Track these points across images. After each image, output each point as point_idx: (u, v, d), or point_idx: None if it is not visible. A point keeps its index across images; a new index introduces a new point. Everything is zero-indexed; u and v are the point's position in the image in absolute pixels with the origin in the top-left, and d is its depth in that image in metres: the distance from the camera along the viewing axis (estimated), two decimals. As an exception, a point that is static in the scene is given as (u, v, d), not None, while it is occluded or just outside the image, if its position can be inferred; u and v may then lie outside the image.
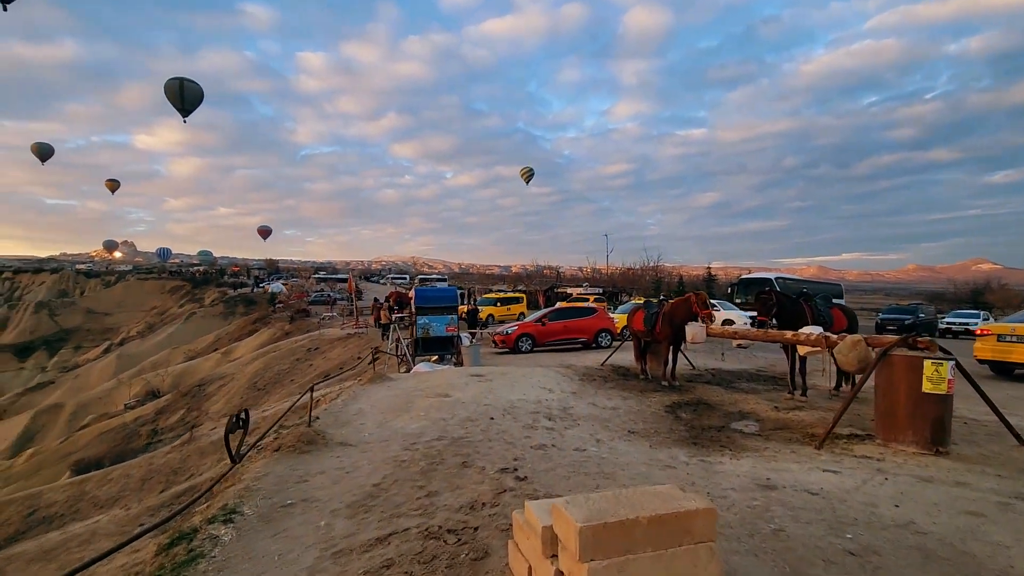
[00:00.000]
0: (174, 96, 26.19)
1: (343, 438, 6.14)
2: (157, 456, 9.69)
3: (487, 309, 27.41)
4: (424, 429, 6.38)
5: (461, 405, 7.49)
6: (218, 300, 57.46)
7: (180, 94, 26.16)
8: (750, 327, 11.54)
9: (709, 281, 41.81)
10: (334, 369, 22.78)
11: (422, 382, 9.59)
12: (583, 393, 8.98)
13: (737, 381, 10.82)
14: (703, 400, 8.67)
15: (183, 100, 26.19)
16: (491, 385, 8.97)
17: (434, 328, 13.15)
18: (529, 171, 57.40)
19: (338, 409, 7.69)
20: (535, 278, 58.86)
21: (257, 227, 76.90)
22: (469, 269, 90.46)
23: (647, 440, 6.24)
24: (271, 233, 78.59)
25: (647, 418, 7.45)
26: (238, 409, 5.56)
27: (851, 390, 8.73)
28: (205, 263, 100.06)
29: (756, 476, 4.72)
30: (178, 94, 26.15)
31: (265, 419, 10.08)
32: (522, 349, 16.20)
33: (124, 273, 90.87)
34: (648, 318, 10.58)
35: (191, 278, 75.08)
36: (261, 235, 76.71)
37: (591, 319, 16.87)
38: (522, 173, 57.35)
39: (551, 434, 6.22)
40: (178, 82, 26.28)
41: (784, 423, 7.00)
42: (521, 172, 57.43)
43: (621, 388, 9.69)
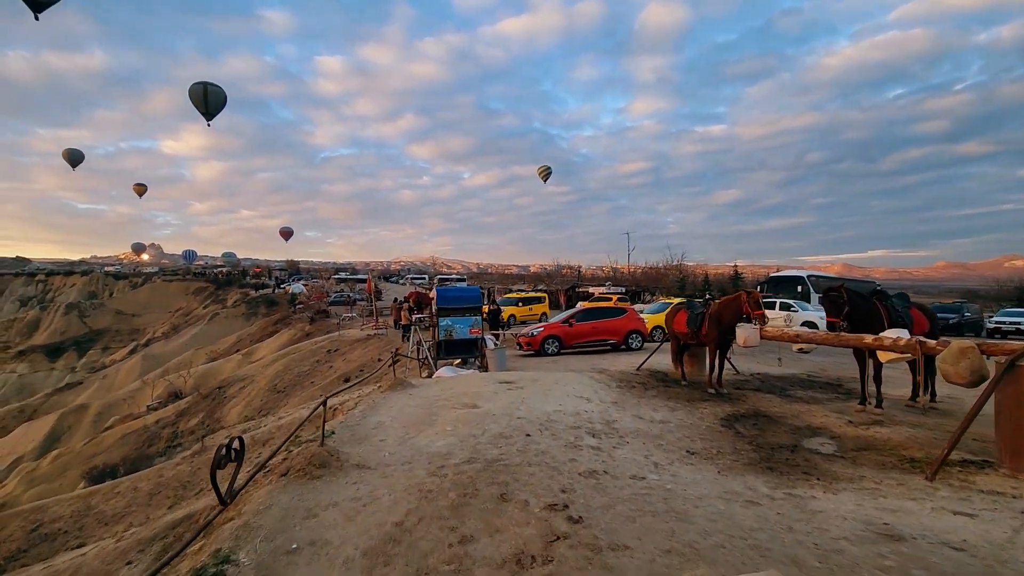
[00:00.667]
0: (198, 100, 25.92)
1: (360, 458, 5.32)
2: (167, 468, 9.03)
3: (508, 309, 26.54)
4: (452, 448, 5.53)
5: (491, 418, 6.63)
6: (240, 301, 57.55)
7: (204, 98, 25.88)
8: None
9: (735, 279, 40.36)
10: (354, 371, 22.17)
11: (446, 390, 8.76)
12: (625, 403, 8.06)
13: (791, 388, 9.79)
14: (761, 411, 7.69)
15: (207, 104, 25.84)
16: (523, 394, 8.10)
17: (457, 330, 12.33)
18: (547, 169, 56.61)
19: (356, 422, 6.89)
20: (555, 277, 57.82)
21: (279, 228, 77.31)
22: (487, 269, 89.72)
23: (712, 464, 5.31)
24: (292, 234, 78.84)
25: (703, 434, 6.50)
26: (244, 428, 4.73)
27: (925, 399, 7.70)
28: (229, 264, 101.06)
29: (869, 519, 3.77)
30: (202, 98, 25.83)
31: (280, 429, 9.38)
32: (548, 351, 15.29)
33: (151, 275, 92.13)
34: (692, 319, 9.61)
35: (214, 279, 75.62)
36: (283, 236, 77.00)
37: (621, 320, 15.89)
38: (540, 172, 56.60)
39: (599, 456, 5.32)
40: (202, 87, 25.98)
41: (867, 442, 5.99)
42: (539, 171, 56.68)
43: (665, 396, 8.74)
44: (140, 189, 69.32)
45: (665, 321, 10.89)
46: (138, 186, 69.40)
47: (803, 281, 28.11)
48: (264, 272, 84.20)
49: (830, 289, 7.14)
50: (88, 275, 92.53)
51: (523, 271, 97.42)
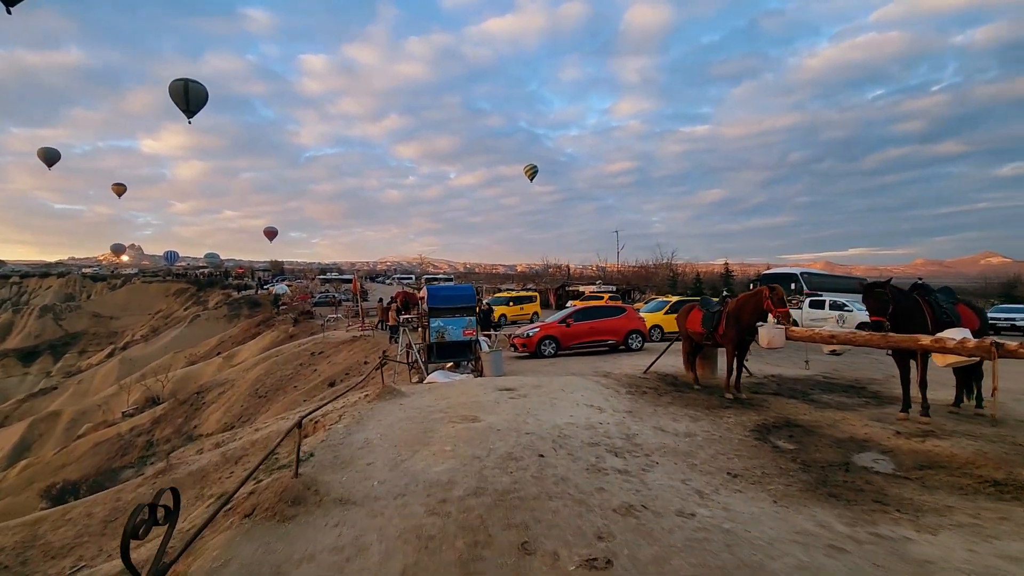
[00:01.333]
0: (179, 97, 24.75)
1: (343, 490, 4.38)
2: (126, 490, 7.98)
3: (499, 309, 25.62)
4: (453, 474, 4.61)
5: (496, 434, 5.72)
6: (222, 302, 55.82)
7: (185, 95, 24.75)
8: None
9: (726, 278, 39.89)
10: (339, 374, 21.09)
11: (441, 399, 7.83)
12: (640, 412, 7.20)
13: (812, 392, 9.03)
14: (792, 420, 6.88)
15: (188, 101, 24.85)
16: (527, 403, 7.20)
17: (450, 332, 11.39)
18: (533, 168, 55.97)
19: (339, 440, 5.93)
20: (543, 277, 57.03)
21: (263, 229, 75.48)
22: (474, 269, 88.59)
23: (763, 490, 4.46)
24: (277, 234, 77.01)
25: (738, 450, 5.66)
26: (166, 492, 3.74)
27: (993, 406, 6.96)
28: (212, 266, 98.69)
29: (992, 573, 2.94)
30: (183, 95, 24.71)
31: (255, 445, 8.37)
32: (545, 353, 14.41)
33: (130, 276, 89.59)
34: (708, 318, 8.79)
35: (196, 280, 73.53)
36: (267, 236, 75.20)
37: (620, 319, 15.06)
38: (526, 171, 55.94)
39: (629, 482, 4.44)
40: (183, 83, 24.87)
41: (928, 458, 5.20)
42: (525, 170, 56.01)
43: (682, 404, 7.90)
44: (119, 189, 67.22)
45: (677, 321, 10.07)
46: (117, 186, 67.28)
47: (796, 278, 27.61)
48: (247, 273, 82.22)
49: (875, 285, 6.34)
50: (65, 277, 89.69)
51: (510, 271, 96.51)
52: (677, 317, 9.97)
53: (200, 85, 25.55)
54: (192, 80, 25.42)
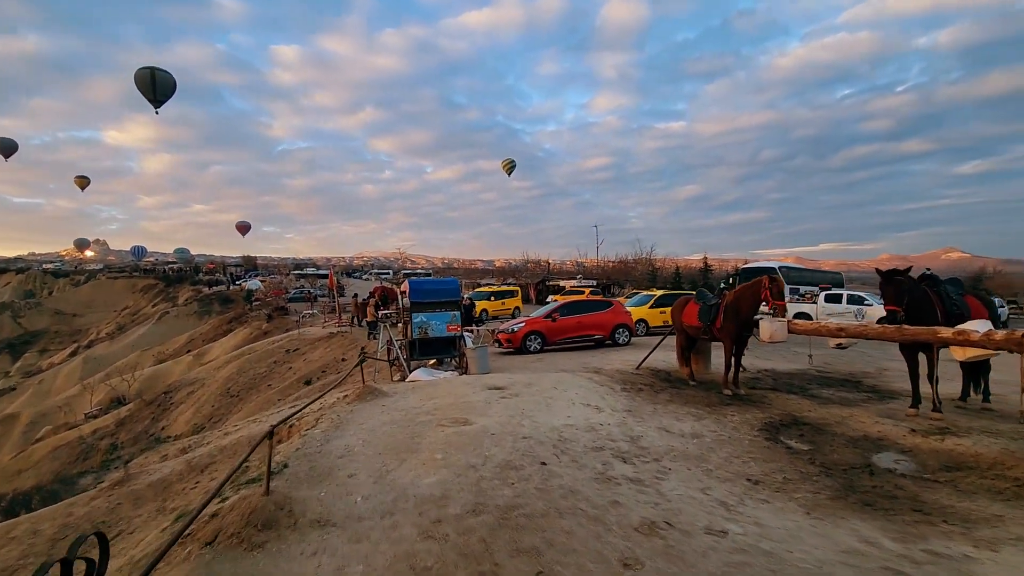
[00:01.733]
0: (145, 86, 23.43)
1: (322, 509, 3.82)
2: (79, 503, 7.21)
3: (480, 304, 25.09)
4: (447, 487, 4.09)
5: (491, 438, 5.21)
6: (192, 299, 53.93)
7: (152, 84, 23.44)
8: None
9: (705, 272, 40.02)
10: (316, 372, 20.32)
11: (427, 399, 7.28)
12: (640, 412, 6.76)
13: (810, 386, 8.74)
14: (798, 417, 6.53)
15: (155, 90, 23.57)
16: (520, 404, 6.70)
17: (433, 327, 10.81)
18: (511, 163, 55.51)
19: (316, 447, 5.34)
20: (522, 271, 56.61)
21: (236, 223, 73.26)
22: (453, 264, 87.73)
23: (789, 498, 4.05)
24: (250, 229, 74.83)
25: (751, 452, 5.25)
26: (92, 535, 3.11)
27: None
28: (182, 261, 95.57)
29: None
30: (149, 84, 23.41)
31: (224, 451, 7.70)
32: (531, 349, 13.93)
33: (95, 272, 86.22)
34: (704, 311, 8.41)
35: (164, 276, 70.99)
36: (240, 231, 73.00)
37: (607, 313, 14.66)
38: (504, 165, 55.47)
39: (644, 493, 3.98)
40: (149, 71, 23.56)
41: (953, 459, 4.87)
42: (503, 164, 55.54)
43: (681, 401, 7.50)
44: (82, 182, 64.55)
45: (671, 315, 9.68)
46: (80, 179, 64.57)
47: (774, 272, 27.75)
48: (218, 268, 79.81)
49: (895, 272, 6.00)
50: (24, 273, 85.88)
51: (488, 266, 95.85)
52: (672, 310, 9.58)
53: (168, 74, 24.29)
54: (159, 68, 24.18)
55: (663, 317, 17.85)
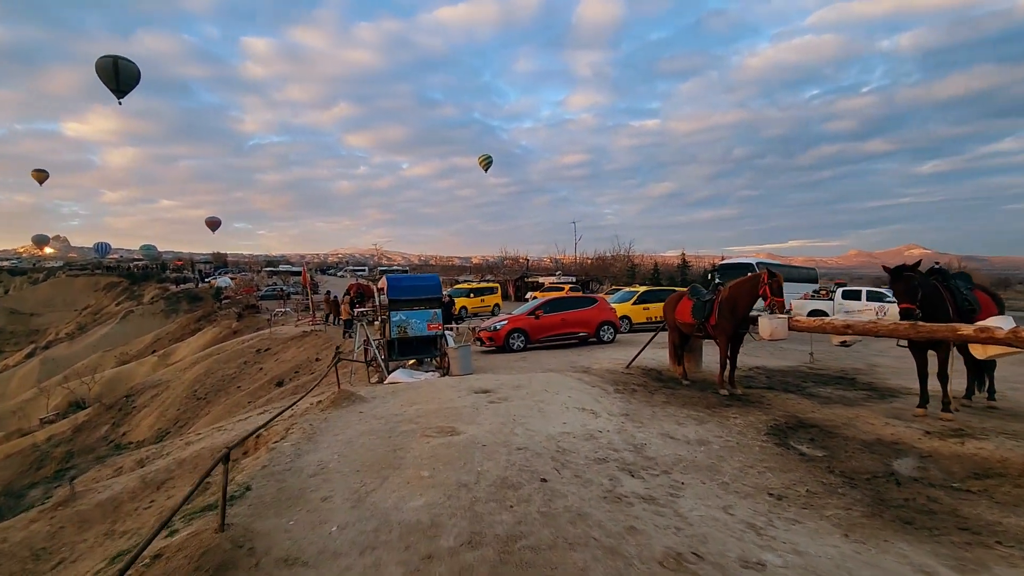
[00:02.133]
0: (107, 75, 22.18)
1: (290, 544, 3.24)
2: (16, 527, 6.43)
3: (459, 301, 24.47)
4: (437, 512, 3.55)
5: (482, 451, 4.68)
6: (158, 297, 51.88)
7: (114, 73, 22.19)
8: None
9: (683, 268, 40.10)
10: (288, 373, 19.48)
11: (409, 404, 6.70)
12: (638, 415, 6.31)
13: (806, 384, 8.44)
14: (802, 419, 6.16)
15: (118, 80, 22.32)
16: (511, 409, 6.18)
17: (413, 326, 10.19)
18: (488, 159, 54.94)
19: (285, 463, 4.73)
20: (500, 268, 56.07)
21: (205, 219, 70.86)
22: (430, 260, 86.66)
23: (819, 516, 3.63)
24: (220, 224, 72.50)
25: (763, 459, 4.84)
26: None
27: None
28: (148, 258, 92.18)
29: None
30: (112, 73, 22.15)
31: (183, 465, 6.98)
32: (514, 347, 13.43)
33: (55, 270, 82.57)
34: (699, 308, 8.02)
35: (128, 274, 68.22)
36: (209, 227, 70.67)
37: (592, 310, 14.25)
38: (480, 161, 54.88)
39: (662, 515, 3.51)
40: (112, 60, 22.31)
41: (978, 465, 4.53)
42: (480, 160, 54.95)
43: (678, 403, 7.08)
44: (40, 176, 61.71)
45: (664, 311, 9.27)
46: (38, 172, 61.71)
47: (752, 268, 27.82)
48: (186, 265, 77.17)
49: (904, 268, 5.66)
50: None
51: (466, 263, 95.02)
52: (664, 307, 9.18)
53: (131, 63, 23.04)
54: (122, 57, 22.85)
55: (646, 314, 17.57)
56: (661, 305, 18.34)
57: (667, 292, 18.68)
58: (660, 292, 18.36)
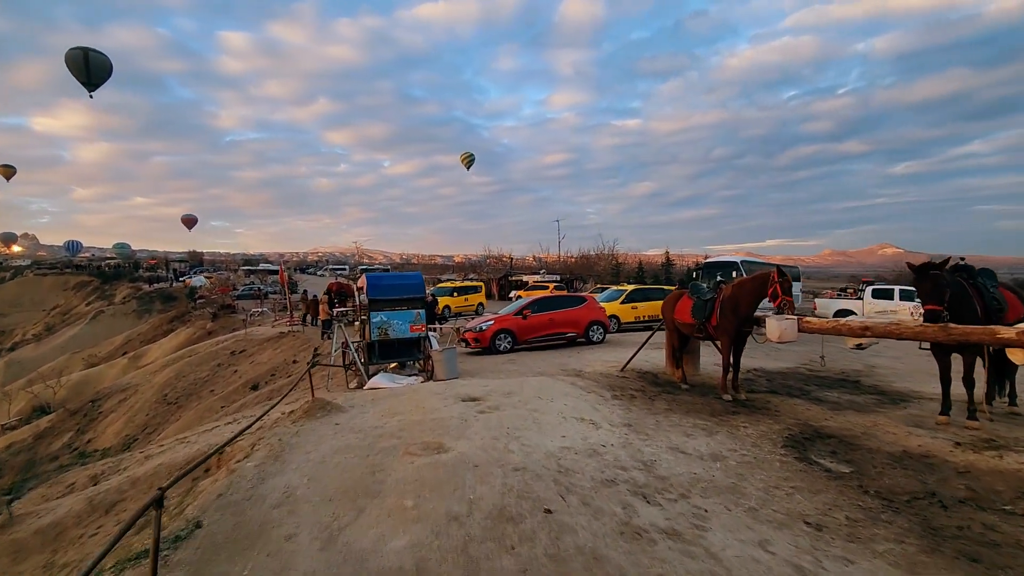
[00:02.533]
0: (78, 68, 21.12)
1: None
2: (-58, 557, 5.63)
3: (443, 300, 23.77)
4: (423, 555, 2.94)
5: (474, 472, 4.08)
6: (131, 297, 50.05)
7: (85, 66, 21.13)
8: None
9: (667, 267, 39.90)
10: (264, 376, 18.61)
11: (390, 414, 6.06)
12: (642, 425, 5.77)
13: (809, 388, 8.01)
14: (817, 429, 5.69)
15: (89, 73, 21.28)
16: (502, 419, 5.58)
17: (394, 327, 9.52)
18: (470, 156, 54.32)
19: (245, 490, 4.07)
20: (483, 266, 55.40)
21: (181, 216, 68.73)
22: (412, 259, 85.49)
23: (871, 551, 3.10)
24: (196, 222, 70.36)
25: (787, 478, 4.32)
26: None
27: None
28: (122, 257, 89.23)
29: None
30: (82, 66, 21.09)
31: (136, 485, 6.23)
32: (500, 349, 12.83)
33: (22, 268, 79.45)
34: (699, 307, 7.52)
35: (99, 273, 65.84)
36: (186, 224, 68.58)
37: (581, 310, 13.71)
38: (462, 158, 54.27)
39: (691, 556, 2.95)
40: (82, 52, 21.29)
41: (1023, 481, 4.08)
42: (461, 157, 54.33)
43: (682, 410, 6.56)
44: (7, 171, 59.36)
45: (662, 310, 8.74)
46: (4, 168, 59.32)
47: (737, 267, 27.58)
48: (160, 264, 74.88)
49: (929, 266, 5.20)
50: (-61, 269, 78.13)
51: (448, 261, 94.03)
52: (663, 306, 8.66)
53: (103, 55, 21.97)
54: (93, 49, 21.79)
55: (635, 313, 17.12)
56: (650, 304, 17.97)
57: (657, 291, 18.25)
58: (649, 291, 17.94)
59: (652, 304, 17.36)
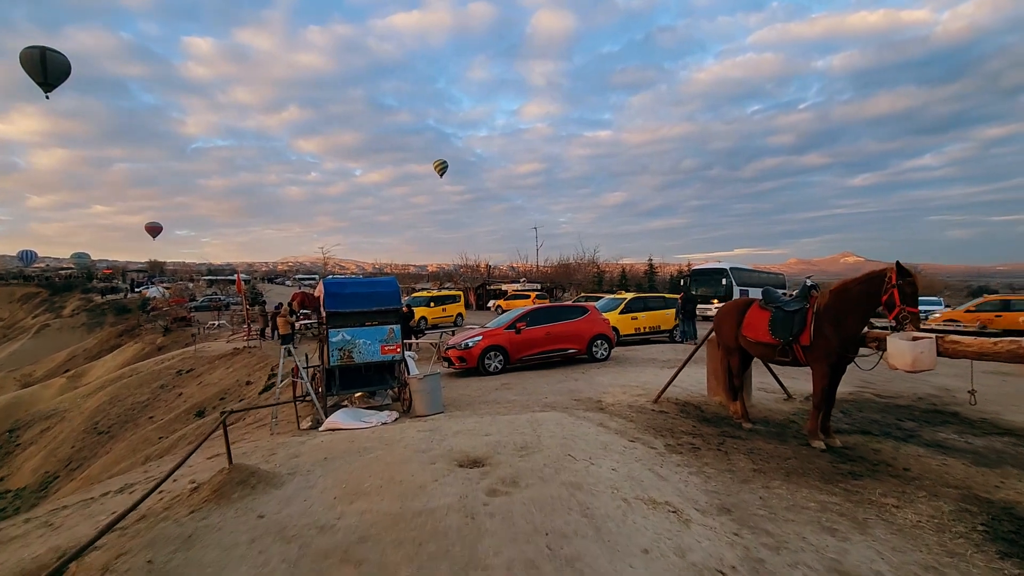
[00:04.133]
0: (33, 67, 19.71)
1: None
2: None
3: (418, 311, 21.33)
4: None
5: None
6: (80, 309, 45.85)
7: (42, 65, 19.80)
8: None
9: (650, 275, 38.26)
10: (212, 399, 15.85)
11: (350, 494, 3.75)
12: (746, 509, 3.62)
13: (905, 423, 6.04)
14: (1009, 509, 3.65)
15: (45, 72, 19.97)
16: (530, 511, 3.35)
17: (361, 349, 7.20)
18: (443, 164, 52.57)
19: None
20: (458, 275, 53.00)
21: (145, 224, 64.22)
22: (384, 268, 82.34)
23: None
24: (161, 231, 65.87)
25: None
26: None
27: None
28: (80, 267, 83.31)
29: None
30: (39, 65, 19.74)
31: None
32: (490, 369, 10.59)
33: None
34: (782, 321, 5.43)
35: (48, 283, 60.70)
36: (150, 233, 64.09)
37: (582, 322, 11.58)
38: (435, 166, 52.48)
39: None
40: (39, 51, 20.06)
41: None
42: (435, 165, 52.52)
43: (777, 472, 4.44)
44: (-45, 178, 54.36)
45: (717, 325, 6.55)
46: (-49, 174, 54.29)
47: (726, 274, 26.04)
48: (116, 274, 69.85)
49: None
50: None
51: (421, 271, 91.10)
52: (718, 319, 6.50)
53: (60, 55, 20.50)
54: (50, 48, 20.39)
55: (635, 324, 15.10)
56: (651, 315, 15.84)
57: (658, 299, 16.25)
58: (650, 300, 15.95)
59: (653, 314, 15.37)
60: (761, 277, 29.72)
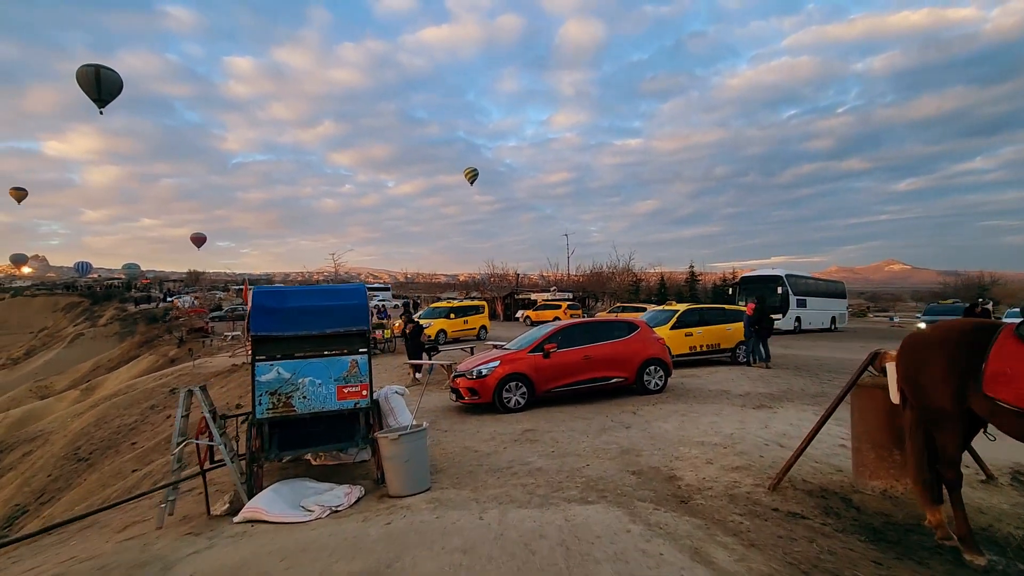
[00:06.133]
0: (89, 84, 20.13)
1: None
2: None
3: (437, 323, 18.83)
4: None
5: None
6: (114, 319, 45.43)
7: (96, 82, 20.17)
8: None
9: (692, 283, 34.85)
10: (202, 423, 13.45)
11: None
12: None
13: None
14: None
15: (99, 89, 20.43)
16: None
17: (305, 391, 4.68)
18: (474, 172, 51.05)
19: None
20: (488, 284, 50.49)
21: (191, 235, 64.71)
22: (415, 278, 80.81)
23: None
24: (206, 241, 66.34)
25: None
26: None
27: None
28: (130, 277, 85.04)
29: None
30: (93, 82, 20.13)
31: None
32: (509, 405, 7.93)
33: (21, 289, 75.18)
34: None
35: (90, 293, 61.24)
36: (195, 243, 64.62)
37: (630, 342, 8.78)
38: (466, 174, 50.97)
39: None
40: (94, 68, 20.56)
41: None
42: (465, 173, 51.07)
43: None
44: (19, 194, 56.02)
45: (909, 369, 3.61)
46: (16, 190, 56.03)
47: (781, 281, 22.51)
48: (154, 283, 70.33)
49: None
50: (-64, 291, 73.94)
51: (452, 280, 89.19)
52: (913, 356, 3.55)
53: (113, 72, 20.92)
54: (104, 66, 20.78)
55: (689, 341, 12.11)
56: (709, 330, 12.44)
57: (716, 311, 13.08)
58: (707, 312, 12.88)
59: (710, 329, 12.32)
60: (821, 285, 26.04)
